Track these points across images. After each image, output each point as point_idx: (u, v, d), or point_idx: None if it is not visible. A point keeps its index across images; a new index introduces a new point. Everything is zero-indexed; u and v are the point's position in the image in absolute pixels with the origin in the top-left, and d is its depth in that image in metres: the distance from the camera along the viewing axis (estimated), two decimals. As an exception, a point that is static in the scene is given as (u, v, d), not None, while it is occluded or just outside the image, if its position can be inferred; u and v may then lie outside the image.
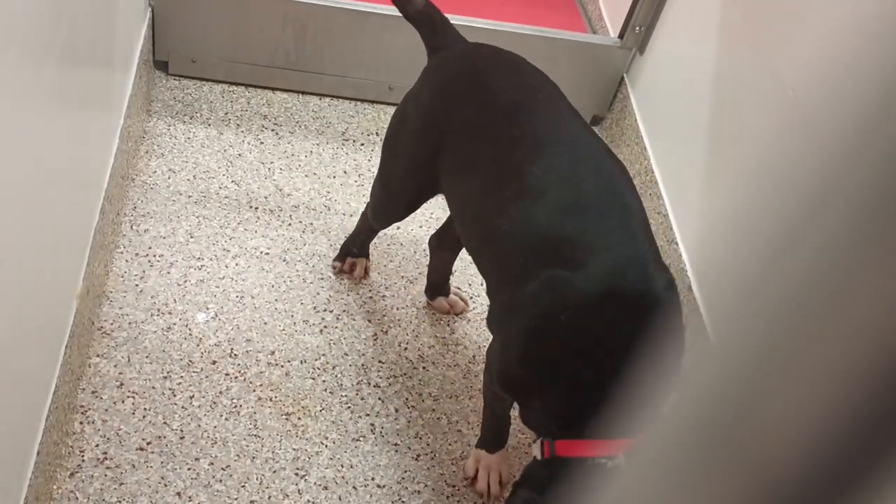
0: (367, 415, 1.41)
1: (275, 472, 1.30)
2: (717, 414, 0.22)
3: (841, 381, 0.19)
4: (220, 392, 1.39)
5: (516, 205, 1.07)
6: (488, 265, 1.16)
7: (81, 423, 1.31)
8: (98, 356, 1.39)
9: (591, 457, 1.01)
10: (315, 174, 1.80)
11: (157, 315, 1.47)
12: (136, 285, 1.51)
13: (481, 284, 1.58)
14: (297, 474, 1.31)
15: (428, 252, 1.70)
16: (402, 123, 1.31)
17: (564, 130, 1.13)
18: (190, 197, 1.68)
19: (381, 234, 1.70)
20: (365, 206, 1.52)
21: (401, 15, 1.85)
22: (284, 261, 1.61)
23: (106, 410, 1.33)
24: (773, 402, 0.20)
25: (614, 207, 1.06)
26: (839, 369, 0.19)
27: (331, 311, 1.54)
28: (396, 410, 1.42)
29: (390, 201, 1.40)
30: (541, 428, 1.08)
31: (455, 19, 1.88)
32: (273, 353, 1.46)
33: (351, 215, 1.72)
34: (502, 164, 1.11)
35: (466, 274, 1.66)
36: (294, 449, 1.34)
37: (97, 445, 1.28)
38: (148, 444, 1.30)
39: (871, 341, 0.18)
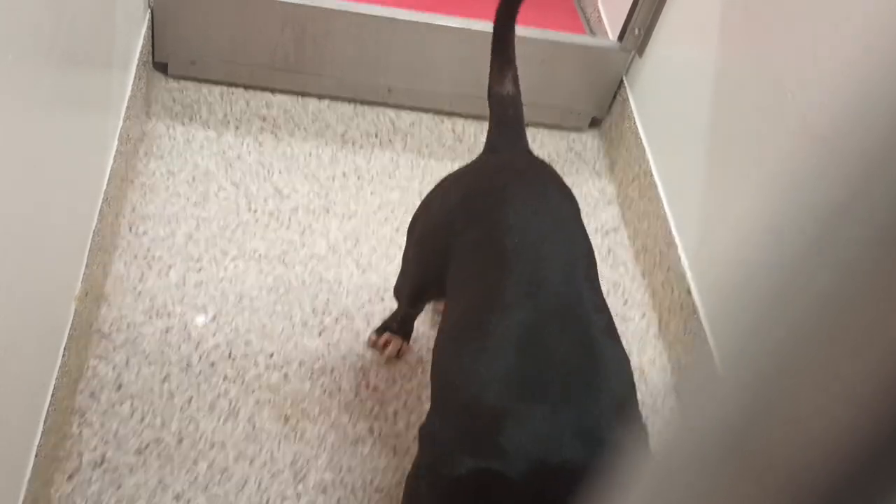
0: (366, 417, 1.40)
1: (273, 475, 1.30)
2: (725, 436, 0.22)
3: (848, 407, 0.19)
4: (219, 394, 1.38)
5: (471, 363, 0.96)
6: (434, 406, 1.04)
7: (80, 425, 1.30)
8: (96, 358, 1.39)
9: None
10: (314, 176, 1.80)
11: (156, 317, 1.47)
12: (135, 287, 1.50)
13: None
14: (295, 477, 1.31)
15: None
16: (427, 210, 1.24)
17: (556, 295, 1.00)
18: (189, 199, 1.68)
19: (380, 236, 1.70)
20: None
21: (399, 18, 1.86)
22: (283, 263, 1.61)
23: (104, 413, 1.33)
24: (781, 426, 0.20)
25: (581, 396, 0.92)
26: (846, 394, 0.19)
27: (330, 314, 1.54)
28: (395, 413, 1.42)
29: (403, 281, 1.34)
30: None
31: (455, 21, 1.89)
32: (272, 355, 1.46)
33: (350, 217, 1.72)
34: (477, 309, 1.01)
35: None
36: (293, 452, 1.34)
37: (95, 448, 1.28)
38: (146, 446, 1.30)
39: (879, 368, 0.18)
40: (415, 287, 1.30)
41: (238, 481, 1.29)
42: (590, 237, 1.13)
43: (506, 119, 1.23)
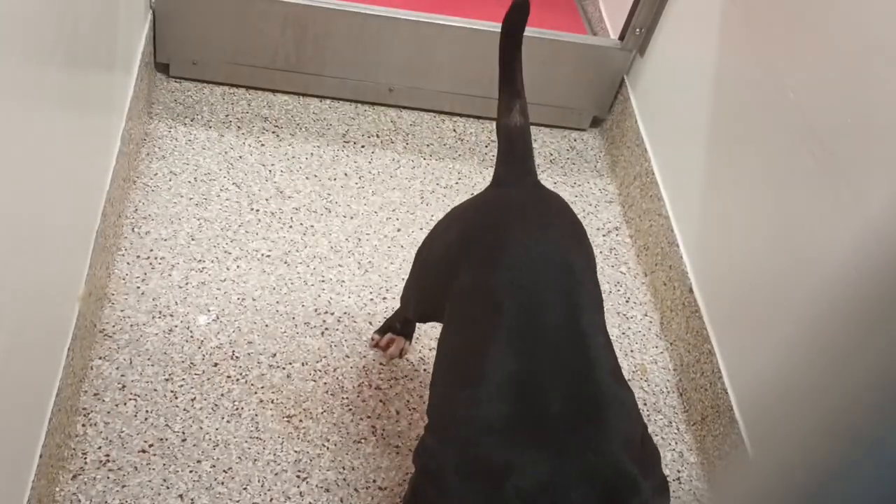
0: (369, 417, 1.41)
1: (276, 474, 1.31)
2: None
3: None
4: (222, 394, 1.39)
5: (469, 412, 0.95)
6: (432, 440, 1.02)
7: (84, 425, 1.31)
8: (100, 358, 1.39)
9: None
10: (316, 176, 1.80)
11: (159, 317, 1.47)
12: (138, 287, 1.51)
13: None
14: (298, 476, 1.31)
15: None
16: (430, 242, 1.23)
17: (555, 338, 0.98)
18: (191, 199, 1.69)
19: (382, 236, 1.70)
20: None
21: (400, 18, 1.86)
22: (286, 263, 1.61)
23: (108, 413, 1.33)
24: None
25: (588, 440, 0.90)
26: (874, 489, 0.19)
27: (332, 314, 1.55)
28: (397, 412, 1.42)
29: (409, 296, 1.33)
30: None
31: (456, 20, 1.89)
32: (274, 355, 1.46)
33: (352, 217, 1.72)
34: (472, 354, 0.99)
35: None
36: (295, 451, 1.34)
37: (99, 448, 1.29)
38: (150, 446, 1.30)
39: None
40: (417, 311, 1.30)
41: (241, 480, 1.29)
42: (594, 248, 1.11)
43: (514, 152, 1.20)
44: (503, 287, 1.02)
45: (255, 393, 1.40)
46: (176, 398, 1.37)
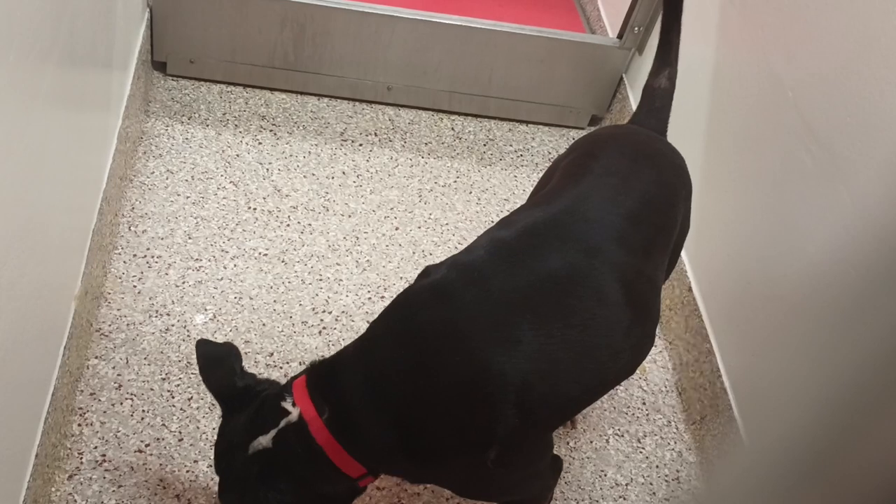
0: (367, 416, 1.40)
1: (274, 473, 1.30)
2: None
3: (869, 489, 0.18)
4: (219, 393, 1.38)
5: (485, 233, 1.06)
6: None
7: (80, 425, 1.30)
8: (96, 358, 1.39)
9: None
10: (313, 175, 1.79)
11: (156, 316, 1.47)
12: (134, 286, 1.50)
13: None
14: (296, 476, 1.30)
15: (426, 253, 1.70)
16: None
17: (593, 215, 1.02)
18: (188, 198, 1.68)
19: (380, 234, 1.70)
20: None
21: (399, 16, 1.86)
22: (283, 262, 1.60)
23: (104, 412, 1.32)
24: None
25: (539, 301, 0.94)
26: (867, 478, 0.18)
27: (329, 313, 1.54)
28: (396, 412, 1.42)
29: None
30: None
31: (454, 19, 1.88)
32: (272, 354, 1.45)
33: (350, 216, 1.72)
34: (530, 205, 1.09)
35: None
36: (293, 450, 1.33)
37: (96, 447, 1.28)
38: (146, 446, 1.30)
39: None
40: None
41: (238, 480, 1.28)
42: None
43: (652, 108, 1.29)
44: (585, 170, 1.09)
45: (253, 392, 1.39)
46: (172, 397, 1.36)
